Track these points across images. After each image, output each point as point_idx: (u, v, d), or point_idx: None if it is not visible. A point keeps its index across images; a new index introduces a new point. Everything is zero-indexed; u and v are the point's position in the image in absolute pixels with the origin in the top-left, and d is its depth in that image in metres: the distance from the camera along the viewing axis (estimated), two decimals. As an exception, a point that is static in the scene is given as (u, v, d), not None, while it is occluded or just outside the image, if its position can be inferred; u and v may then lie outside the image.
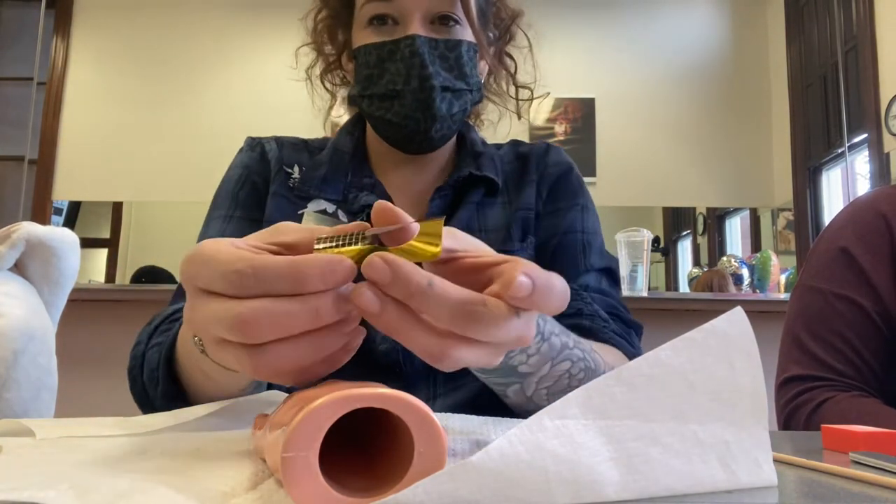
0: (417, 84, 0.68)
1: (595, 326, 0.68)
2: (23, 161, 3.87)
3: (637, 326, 0.74)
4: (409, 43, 0.69)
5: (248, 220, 0.74)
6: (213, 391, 0.49)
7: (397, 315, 0.30)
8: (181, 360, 0.52)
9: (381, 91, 0.71)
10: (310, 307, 0.30)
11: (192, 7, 4.07)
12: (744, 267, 2.97)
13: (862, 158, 3.39)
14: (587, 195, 0.80)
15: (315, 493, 0.25)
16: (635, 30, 4.08)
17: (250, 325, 0.30)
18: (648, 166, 3.96)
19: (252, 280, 0.30)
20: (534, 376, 0.52)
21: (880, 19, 3.26)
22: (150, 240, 4.06)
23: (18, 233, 0.68)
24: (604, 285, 0.75)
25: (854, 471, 0.34)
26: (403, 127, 0.71)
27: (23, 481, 0.28)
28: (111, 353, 2.27)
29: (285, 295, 0.30)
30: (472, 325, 0.30)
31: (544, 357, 0.50)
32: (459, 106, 0.72)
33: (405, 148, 0.75)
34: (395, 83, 0.69)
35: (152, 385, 0.56)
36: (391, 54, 0.70)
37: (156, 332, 0.61)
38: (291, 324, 0.30)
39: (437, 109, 0.70)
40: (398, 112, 0.70)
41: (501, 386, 0.53)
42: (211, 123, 3.86)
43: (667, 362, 0.30)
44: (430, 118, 0.70)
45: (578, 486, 0.26)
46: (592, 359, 0.56)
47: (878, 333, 0.78)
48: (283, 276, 0.30)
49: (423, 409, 0.27)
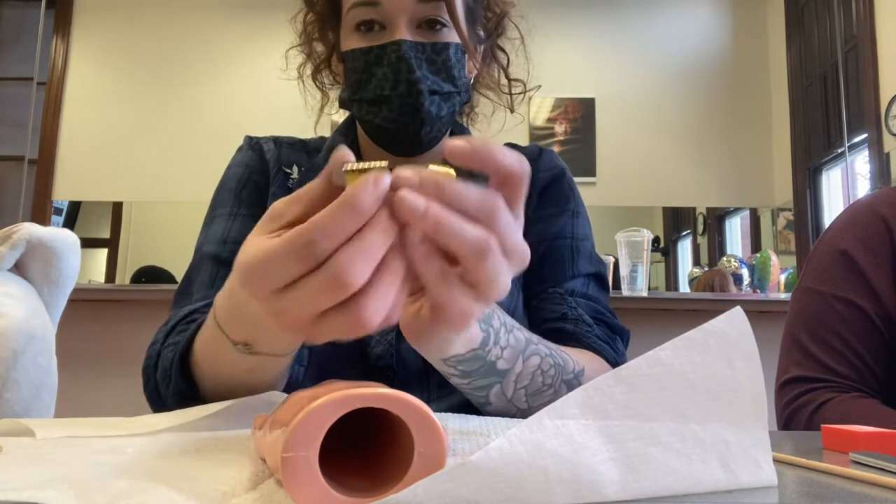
0: (405, 89, 0.68)
1: (578, 331, 0.69)
2: (23, 161, 3.87)
3: (623, 332, 0.74)
4: (395, 48, 0.68)
5: (254, 219, 0.74)
6: (252, 384, 0.50)
7: (438, 209, 0.32)
8: (203, 361, 0.53)
9: (370, 96, 0.71)
10: (382, 228, 0.32)
11: (192, 7, 4.07)
12: (744, 267, 2.97)
13: (862, 158, 3.39)
14: (579, 200, 0.80)
15: (315, 493, 0.25)
16: (635, 30, 4.08)
17: (349, 273, 0.31)
18: (648, 166, 3.96)
19: (324, 239, 0.31)
20: (511, 374, 0.53)
21: (880, 19, 3.26)
22: (150, 240, 4.06)
23: (19, 233, 0.68)
24: (591, 290, 0.75)
25: (854, 471, 0.34)
26: (393, 132, 0.71)
27: (23, 481, 0.28)
28: (111, 353, 2.27)
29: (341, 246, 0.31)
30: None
31: (515, 350, 0.53)
32: (448, 108, 0.72)
33: (395, 151, 0.75)
34: (383, 88, 0.69)
35: (165, 383, 0.57)
36: (378, 59, 0.69)
37: (172, 332, 0.61)
38: (376, 252, 0.32)
39: (426, 113, 0.69)
40: (387, 117, 0.70)
41: (484, 390, 0.54)
42: (211, 123, 3.86)
43: (667, 362, 0.30)
44: (419, 122, 0.70)
45: (578, 486, 0.26)
46: (559, 356, 0.58)
47: (878, 335, 0.78)
48: (345, 216, 0.31)
49: (424, 409, 0.27)
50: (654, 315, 2.09)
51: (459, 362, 0.50)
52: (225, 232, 0.72)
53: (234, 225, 0.73)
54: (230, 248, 0.71)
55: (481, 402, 0.56)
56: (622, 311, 2.03)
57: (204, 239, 0.73)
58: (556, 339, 0.69)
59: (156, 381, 0.59)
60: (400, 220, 0.32)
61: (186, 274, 0.72)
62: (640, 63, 4.04)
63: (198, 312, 0.62)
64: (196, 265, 0.72)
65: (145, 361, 0.62)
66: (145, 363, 0.62)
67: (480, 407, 0.57)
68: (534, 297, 0.74)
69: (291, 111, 0.84)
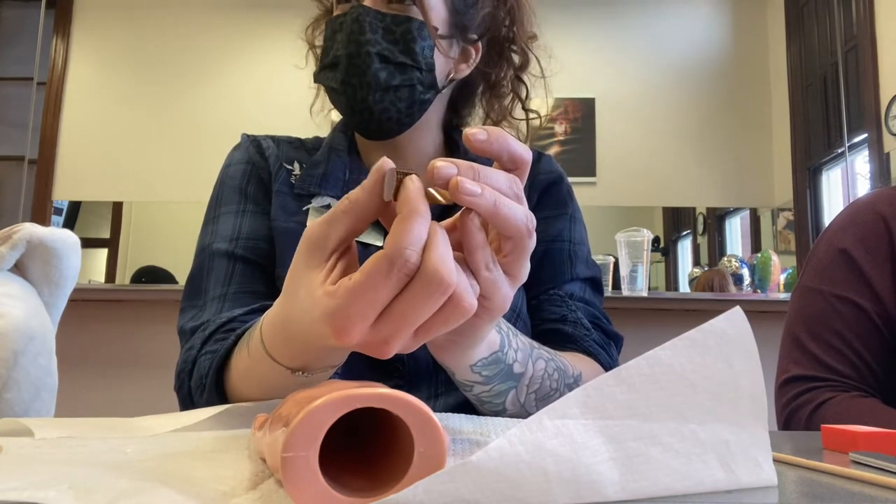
0: (354, 49, 0.69)
1: (577, 334, 0.70)
2: (23, 161, 3.87)
3: (617, 338, 0.75)
4: (354, 13, 0.69)
5: (262, 214, 0.74)
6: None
7: (491, 189, 0.35)
8: (244, 380, 0.53)
9: (329, 61, 0.71)
10: (442, 227, 0.34)
11: (192, 7, 4.07)
12: (744, 267, 2.97)
13: (862, 158, 3.39)
14: (576, 205, 0.81)
15: (315, 493, 0.25)
16: (635, 30, 4.08)
17: (448, 272, 0.33)
18: (648, 166, 3.96)
19: (415, 253, 0.33)
20: (525, 377, 0.54)
21: (880, 19, 3.26)
22: (150, 240, 4.06)
23: (20, 234, 0.68)
24: (587, 295, 0.76)
25: (854, 471, 0.34)
26: (342, 94, 0.71)
27: (23, 481, 0.28)
28: (111, 353, 2.27)
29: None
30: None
31: (524, 353, 0.54)
32: (403, 80, 0.70)
33: (361, 130, 0.75)
34: (338, 50, 0.70)
35: (199, 392, 0.57)
36: (341, 25, 0.70)
37: (210, 339, 0.61)
38: (450, 248, 0.34)
39: (373, 76, 0.69)
40: (337, 78, 0.70)
41: (502, 395, 0.54)
42: (211, 123, 3.86)
43: (666, 362, 0.30)
44: (366, 85, 0.69)
45: (578, 486, 0.26)
46: (559, 360, 0.59)
47: (878, 334, 0.78)
48: (424, 222, 0.33)
49: (424, 409, 0.27)
50: (654, 315, 2.09)
51: (484, 367, 0.50)
52: (235, 228, 0.72)
53: (243, 221, 0.73)
54: (243, 244, 0.71)
55: (497, 409, 0.56)
56: (622, 311, 2.04)
57: (211, 237, 0.73)
58: (555, 340, 0.69)
59: (190, 387, 0.59)
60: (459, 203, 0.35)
61: (194, 273, 0.72)
62: (640, 63, 4.04)
63: (236, 321, 0.62)
64: (205, 263, 0.71)
65: (180, 365, 0.62)
66: (180, 366, 0.62)
67: (496, 416, 0.57)
68: (532, 298, 0.75)
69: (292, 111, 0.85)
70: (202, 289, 0.69)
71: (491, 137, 0.36)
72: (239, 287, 0.68)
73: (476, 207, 0.35)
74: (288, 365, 0.45)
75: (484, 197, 0.34)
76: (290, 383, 0.46)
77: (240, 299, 0.67)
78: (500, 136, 0.37)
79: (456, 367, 0.49)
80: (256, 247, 0.71)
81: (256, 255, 0.71)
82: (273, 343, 0.45)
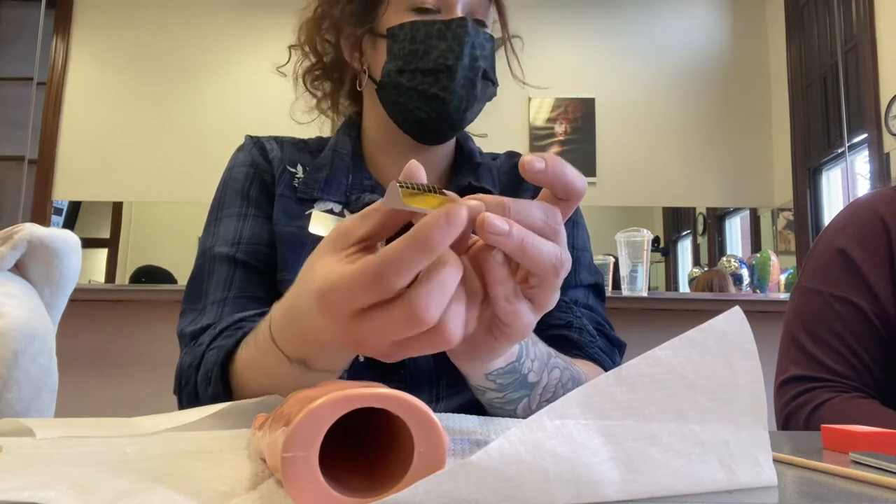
0: (469, 62, 0.70)
1: (582, 340, 0.70)
2: (23, 161, 3.87)
3: (620, 345, 0.75)
4: (461, 23, 0.70)
5: (264, 218, 0.74)
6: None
7: (520, 228, 0.34)
8: (248, 370, 0.53)
9: (430, 66, 0.70)
10: (455, 262, 0.33)
11: (192, 7, 4.07)
12: (744, 267, 2.97)
13: (862, 158, 3.39)
14: (579, 211, 0.81)
15: (315, 493, 0.25)
16: (635, 30, 4.08)
17: (426, 310, 0.32)
18: (648, 166, 3.96)
19: (393, 275, 0.32)
20: (538, 387, 0.54)
21: (880, 19, 3.26)
22: (150, 240, 4.06)
23: (20, 234, 0.68)
24: (591, 301, 0.76)
25: (854, 471, 0.34)
26: (447, 102, 0.71)
27: (23, 481, 0.28)
28: (111, 353, 2.27)
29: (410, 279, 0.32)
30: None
31: (541, 363, 0.53)
32: (488, 96, 0.74)
33: (422, 133, 0.75)
34: (447, 58, 0.70)
35: (204, 385, 0.57)
36: (441, 33, 0.70)
37: (219, 336, 0.61)
38: (450, 287, 0.32)
39: (479, 91, 0.72)
40: (445, 86, 0.70)
41: (514, 403, 0.54)
42: (211, 123, 3.86)
43: (666, 362, 0.30)
44: (473, 98, 0.71)
45: (578, 486, 0.26)
46: (573, 368, 0.59)
47: (876, 335, 0.78)
48: (418, 254, 0.31)
49: (424, 409, 0.27)
50: (654, 315, 2.09)
51: (499, 375, 0.50)
52: (236, 232, 0.72)
53: (245, 225, 0.73)
54: (244, 249, 0.71)
55: (508, 415, 0.56)
56: (622, 311, 2.04)
57: (212, 240, 0.72)
58: (560, 346, 0.69)
59: (195, 381, 0.59)
60: (483, 241, 0.33)
61: (195, 276, 0.72)
62: (640, 63, 4.04)
63: (247, 321, 0.62)
64: (206, 266, 0.71)
65: (187, 360, 0.62)
66: (188, 362, 0.62)
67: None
68: None
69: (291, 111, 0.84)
70: (202, 292, 0.70)
71: (548, 168, 0.35)
72: (239, 292, 0.69)
73: (501, 246, 0.33)
74: (288, 353, 0.45)
75: (511, 236, 0.33)
76: (290, 377, 0.46)
77: (239, 304, 0.67)
78: (556, 165, 0.35)
79: (471, 374, 0.49)
80: (257, 251, 0.71)
81: (257, 259, 0.71)
82: (279, 326, 0.45)
